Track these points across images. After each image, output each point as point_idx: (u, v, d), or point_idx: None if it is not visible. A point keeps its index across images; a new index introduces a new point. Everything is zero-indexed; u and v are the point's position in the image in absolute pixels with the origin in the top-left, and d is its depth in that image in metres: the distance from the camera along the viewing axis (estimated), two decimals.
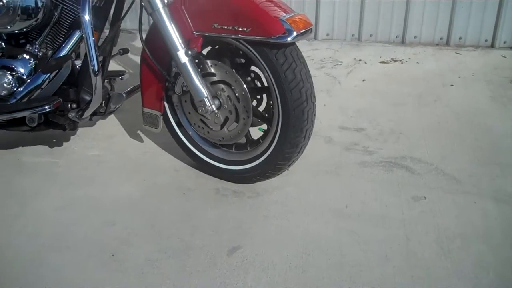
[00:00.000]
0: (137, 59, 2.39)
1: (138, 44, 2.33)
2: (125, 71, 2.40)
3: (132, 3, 2.10)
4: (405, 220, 1.89)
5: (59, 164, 2.28)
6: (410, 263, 1.68)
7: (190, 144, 2.18)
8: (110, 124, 2.60)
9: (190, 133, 2.18)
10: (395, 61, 3.50)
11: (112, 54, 2.23)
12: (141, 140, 2.47)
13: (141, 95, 2.15)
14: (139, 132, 2.51)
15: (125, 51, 2.34)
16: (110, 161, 2.31)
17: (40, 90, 2.01)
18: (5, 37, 2.08)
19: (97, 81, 1.90)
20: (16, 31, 1.99)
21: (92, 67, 1.86)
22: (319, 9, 3.81)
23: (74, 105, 2.05)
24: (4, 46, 2.06)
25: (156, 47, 2.00)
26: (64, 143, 2.42)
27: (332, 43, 3.88)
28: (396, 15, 3.73)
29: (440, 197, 2.02)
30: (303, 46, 3.65)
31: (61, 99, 2.00)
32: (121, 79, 2.36)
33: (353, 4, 3.76)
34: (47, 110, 1.95)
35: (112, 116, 2.63)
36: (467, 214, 1.91)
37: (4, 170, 2.24)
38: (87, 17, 1.82)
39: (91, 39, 1.84)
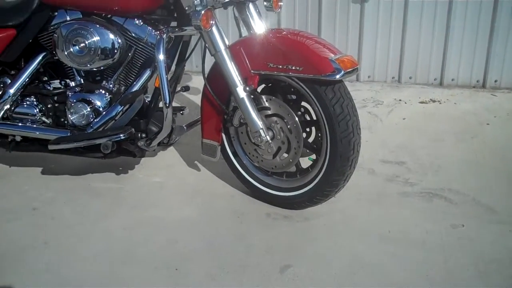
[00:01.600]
0: (196, 97, 2.62)
1: (196, 84, 2.55)
2: (185, 107, 2.64)
3: (196, 45, 2.36)
4: (444, 245, 2.03)
5: (126, 189, 2.52)
6: (449, 283, 1.82)
7: (244, 172, 2.39)
8: (171, 155, 2.83)
9: (244, 162, 2.39)
10: (434, 101, 3.67)
11: (176, 91, 2.49)
12: (199, 169, 2.69)
13: (201, 127, 2.38)
14: (196, 162, 2.74)
15: (186, 88, 2.60)
16: (171, 187, 2.54)
17: (114, 121, 2.27)
18: (83, 74, 2.36)
19: (167, 113, 2.14)
20: (95, 69, 2.27)
21: (164, 101, 2.11)
22: (361, 52, 4.02)
23: (143, 135, 2.29)
24: (83, 82, 2.33)
25: (216, 84, 2.24)
26: (129, 170, 2.67)
27: (373, 84, 4.08)
28: (434, 59, 3.92)
29: (477, 225, 2.16)
30: None
31: (133, 129, 2.25)
32: (182, 113, 2.61)
33: (393, 48, 3.96)
34: (121, 138, 2.20)
35: (171, 148, 2.87)
36: (502, 241, 2.05)
37: (76, 194, 2.48)
38: (161, 56, 2.08)
39: (164, 76, 2.10)
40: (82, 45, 2.17)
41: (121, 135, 2.20)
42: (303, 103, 2.21)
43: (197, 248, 2.07)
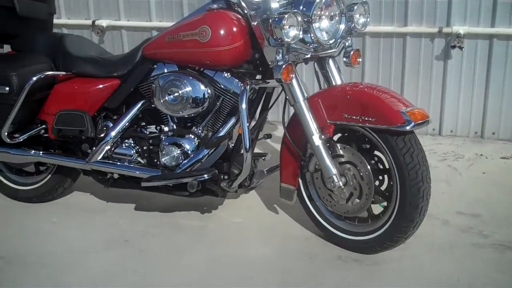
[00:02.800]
0: (277, 144, 2.80)
1: (279, 132, 2.73)
2: (267, 153, 2.83)
3: (278, 96, 2.56)
4: None
5: (208, 227, 2.72)
6: None
7: (318, 216, 2.52)
8: (252, 197, 3.02)
9: (319, 205, 2.53)
10: None
11: (258, 138, 2.70)
12: (277, 212, 2.86)
13: (280, 172, 2.55)
14: (275, 205, 2.91)
15: (269, 136, 2.80)
16: (250, 227, 2.71)
17: (200, 163, 2.50)
18: (176, 120, 2.62)
19: (247, 157, 2.34)
20: (186, 116, 2.52)
21: (244, 146, 2.32)
22: (443, 106, 4.07)
23: (226, 177, 2.50)
24: (175, 127, 2.59)
25: (295, 132, 2.42)
26: (213, 210, 2.88)
27: (455, 139, 4.09)
28: None
29: None
30: (427, 140, 3.98)
31: (216, 170, 2.46)
32: (264, 159, 2.80)
33: (476, 104, 3.99)
34: (205, 178, 2.42)
35: (253, 191, 3.06)
36: None
37: (164, 229, 2.71)
38: (244, 105, 2.31)
39: (246, 123, 2.31)
40: (176, 94, 2.43)
41: (205, 175, 2.41)
42: (376, 152, 2.34)
43: (271, 284, 2.21)
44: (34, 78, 2.60)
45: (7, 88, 2.57)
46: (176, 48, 2.45)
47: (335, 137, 2.39)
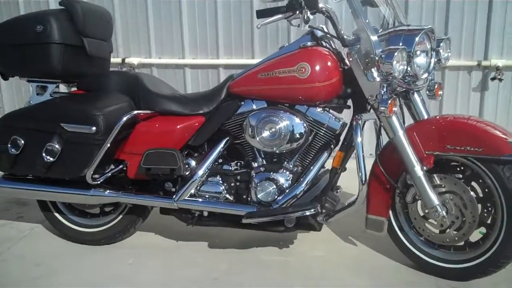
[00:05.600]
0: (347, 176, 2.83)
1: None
2: (340, 186, 2.84)
3: (380, 129, 2.54)
4: None
5: (292, 262, 2.70)
6: None
7: (411, 246, 2.55)
8: (323, 230, 2.98)
9: (410, 236, 2.56)
10: None
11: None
12: (354, 243, 2.88)
13: (367, 204, 2.56)
14: (350, 237, 2.93)
15: (344, 169, 2.83)
16: (334, 260, 2.71)
17: (296, 198, 2.50)
18: (263, 155, 2.62)
19: (363, 189, 2.37)
20: (277, 151, 2.54)
21: (361, 178, 2.36)
22: None
23: (323, 210, 2.51)
24: (265, 162, 2.60)
25: (388, 163, 2.45)
26: (289, 245, 2.87)
27: None
28: None
29: None
30: None
31: (319, 205, 2.47)
32: (337, 192, 2.81)
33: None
34: (311, 213, 2.43)
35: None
36: None
37: (248, 265, 2.68)
38: (359, 139, 2.35)
39: (361, 156, 2.35)
40: (273, 130, 2.44)
41: (311, 210, 2.42)
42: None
43: None
44: (124, 118, 2.57)
45: (94, 128, 2.52)
46: (271, 84, 2.48)
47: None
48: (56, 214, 2.97)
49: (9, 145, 2.65)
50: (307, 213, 2.43)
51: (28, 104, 2.85)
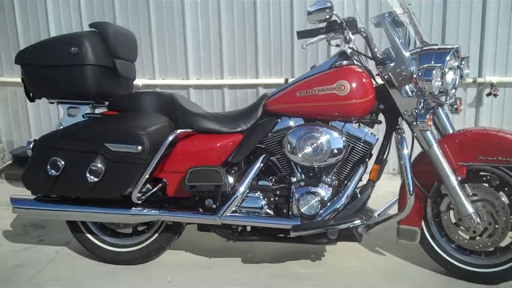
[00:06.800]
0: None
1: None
2: None
3: (413, 143, 2.65)
4: None
5: (327, 273, 2.80)
6: None
7: (443, 253, 2.68)
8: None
9: (441, 243, 2.71)
10: None
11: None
12: (382, 254, 3.00)
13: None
14: (376, 247, 3.05)
15: None
16: (369, 270, 2.83)
17: (337, 212, 2.61)
18: (301, 170, 2.71)
19: (410, 199, 2.49)
20: (316, 166, 2.65)
21: (408, 189, 2.48)
22: None
23: (365, 221, 2.62)
24: (304, 177, 2.70)
25: (420, 174, 2.59)
26: (321, 257, 2.97)
27: None
28: None
29: None
30: None
31: (364, 216, 2.59)
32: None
33: None
34: (358, 224, 2.55)
35: None
36: None
37: (286, 279, 2.76)
38: (406, 151, 2.49)
39: (409, 167, 2.48)
40: (315, 145, 2.56)
41: (358, 221, 2.54)
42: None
43: None
44: (170, 138, 2.63)
45: (139, 148, 2.56)
46: (310, 102, 2.59)
47: None
48: (88, 235, 2.98)
49: (48, 167, 2.66)
50: (353, 224, 2.55)
51: (59, 126, 2.86)
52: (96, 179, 2.61)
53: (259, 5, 4.51)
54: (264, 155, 2.73)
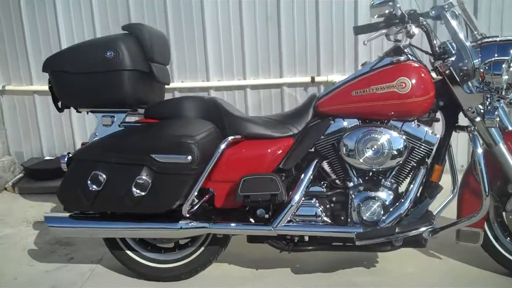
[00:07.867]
0: None
1: None
2: None
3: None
4: None
5: (386, 280, 2.67)
6: None
7: (508, 254, 2.57)
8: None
9: (505, 244, 2.58)
10: None
11: None
12: (437, 257, 2.88)
13: (459, 216, 2.55)
14: (430, 251, 2.92)
15: None
16: (427, 275, 2.71)
17: (400, 217, 2.47)
18: (357, 174, 2.56)
19: (486, 200, 2.35)
20: (375, 169, 2.50)
21: (484, 189, 2.34)
22: None
23: (430, 227, 2.47)
24: (361, 181, 2.55)
25: None
26: (375, 264, 2.83)
27: None
28: None
29: None
30: None
31: (433, 222, 2.44)
32: None
33: None
34: (428, 230, 2.40)
35: None
36: None
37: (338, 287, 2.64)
38: (480, 150, 2.35)
39: (484, 168, 2.34)
40: (376, 148, 2.41)
41: (429, 226, 2.40)
42: None
43: None
44: (223, 146, 2.48)
45: (189, 158, 2.39)
46: (367, 101, 2.44)
47: None
48: (128, 252, 2.79)
49: (88, 182, 2.47)
50: (422, 230, 2.40)
51: (94, 137, 2.67)
52: (143, 193, 2.42)
53: (282, 2, 4.37)
54: (317, 159, 2.58)
